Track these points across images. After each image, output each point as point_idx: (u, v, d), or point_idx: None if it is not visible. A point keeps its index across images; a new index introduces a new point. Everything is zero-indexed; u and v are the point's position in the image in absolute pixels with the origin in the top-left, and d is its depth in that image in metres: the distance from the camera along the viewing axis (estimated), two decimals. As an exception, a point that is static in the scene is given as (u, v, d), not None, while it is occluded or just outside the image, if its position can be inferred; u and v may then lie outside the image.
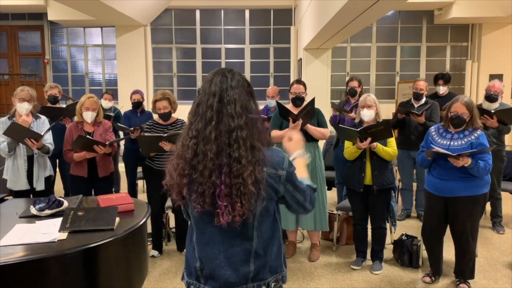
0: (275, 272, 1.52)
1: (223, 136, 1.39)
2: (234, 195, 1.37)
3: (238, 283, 1.46)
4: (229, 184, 1.37)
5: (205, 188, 1.38)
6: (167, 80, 9.82)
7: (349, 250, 4.10)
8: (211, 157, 1.38)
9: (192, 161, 1.40)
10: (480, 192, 3.19)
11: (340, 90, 9.28)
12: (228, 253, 1.45)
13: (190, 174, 1.40)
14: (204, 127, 1.40)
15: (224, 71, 1.48)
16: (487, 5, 8.13)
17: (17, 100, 3.74)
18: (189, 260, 1.54)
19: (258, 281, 1.48)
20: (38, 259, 1.96)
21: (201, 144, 1.39)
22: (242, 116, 1.41)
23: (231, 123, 1.39)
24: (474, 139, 3.15)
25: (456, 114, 3.16)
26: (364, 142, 3.43)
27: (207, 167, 1.38)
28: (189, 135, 1.43)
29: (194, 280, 1.52)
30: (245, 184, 1.36)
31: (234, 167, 1.37)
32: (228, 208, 1.38)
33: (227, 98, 1.41)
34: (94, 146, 3.64)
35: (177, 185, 1.42)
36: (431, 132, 3.38)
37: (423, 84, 4.73)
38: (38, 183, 3.80)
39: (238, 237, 1.45)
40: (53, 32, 9.95)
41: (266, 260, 1.49)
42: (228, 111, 1.40)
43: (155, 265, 3.81)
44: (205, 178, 1.38)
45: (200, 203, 1.39)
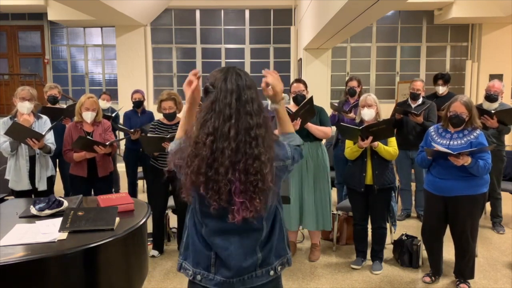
0: (280, 256, 1.56)
1: (242, 134, 1.40)
2: (251, 192, 1.39)
3: (248, 270, 1.49)
4: (244, 181, 1.39)
5: (221, 185, 1.39)
6: (167, 80, 9.82)
7: (349, 250, 4.10)
8: (229, 154, 1.38)
9: (208, 159, 1.39)
10: (479, 192, 3.20)
11: (340, 90, 9.27)
12: (239, 244, 1.48)
13: (206, 172, 1.39)
14: (223, 125, 1.39)
15: (236, 69, 1.50)
16: (487, 5, 8.13)
17: (18, 99, 3.74)
18: (199, 250, 1.52)
19: (266, 266, 1.52)
20: (38, 259, 1.96)
21: (218, 141, 1.39)
22: (260, 114, 1.44)
23: (249, 120, 1.41)
24: (474, 138, 3.15)
25: (455, 113, 3.17)
26: (366, 141, 3.43)
27: (224, 165, 1.38)
28: (204, 131, 1.41)
29: (202, 269, 1.52)
30: (264, 181, 1.39)
31: (254, 164, 1.38)
32: (245, 204, 1.39)
33: (245, 97, 1.43)
34: (95, 146, 3.64)
35: (192, 182, 1.41)
36: (430, 132, 3.38)
37: (420, 84, 4.73)
38: (40, 183, 3.80)
39: (249, 229, 1.48)
40: (53, 32, 9.95)
41: (271, 245, 1.53)
42: (247, 109, 1.42)
43: (155, 265, 3.81)
44: (221, 175, 1.38)
45: (216, 200, 1.40)
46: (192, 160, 1.40)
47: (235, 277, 1.48)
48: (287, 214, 3.86)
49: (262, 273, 1.51)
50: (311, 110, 3.63)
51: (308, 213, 3.78)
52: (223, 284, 1.49)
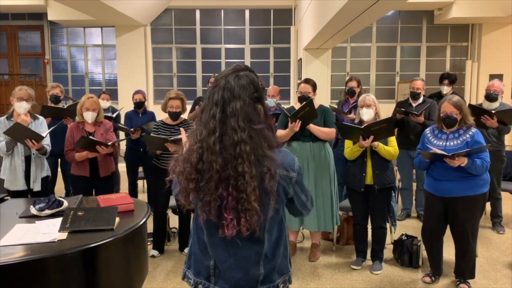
0: (282, 273, 1.53)
1: (228, 148, 1.36)
2: (239, 210, 1.35)
3: (248, 285, 1.45)
4: (235, 197, 1.35)
5: (211, 199, 1.36)
6: (167, 80, 9.82)
7: (349, 250, 4.10)
8: (217, 169, 1.35)
9: (197, 165, 1.37)
10: (479, 192, 3.19)
11: (340, 90, 9.27)
12: (239, 256, 1.44)
13: (197, 179, 1.37)
14: (208, 136, 1.37)
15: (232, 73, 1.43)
16: (487, 5, 8.13)
17: (15, 99, 3.74)
18: (199, 259, 1.50)
19: (268, 283, 1.48)
20: (38, 259, 1.96)
21: (206, 152, 1.37)
22: (245, 129, 1.36)
23: (234, 136, 1.36)
24: (469, 137, 3.16)
25: (446, 114, 3.19)
26: (367, 140, 3.42)
27: (213, 179, 1.35)
28: (194, 139, 1.41)
29: (203, 279, 1.49)
30: (248, 200, 1.34)
31: (239, 181, 1.34)
32: (233, 222, 1.36)
33: (229, 110, 1.37)
34: (97, 146, 3.65)
35: (184, 189, 1.39)
36: (426, 133, 3.39)
37: (420, 83, 4.73)
38: (35, 184, 3.79)
39: (249, 241, 1.44)
40: (53, 32, 9.95)
41: (275, 262, 1.49)
42: (231, 124, 1.36)
43: (155, 265, 3.81)
44: (211, 189, 1.36)
45: (206, 211, 1.38)
46: (185, 166, 1.39)
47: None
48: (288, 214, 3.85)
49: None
50: (311, 112, 3.61)
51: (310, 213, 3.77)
52: None
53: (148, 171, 5.08)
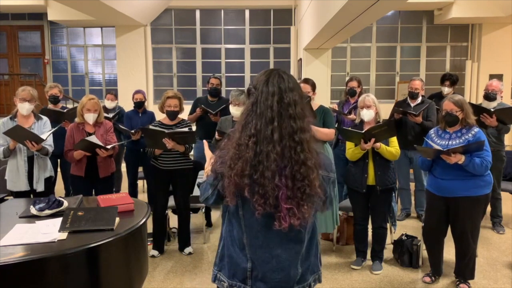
0: (314, 272, 1.55)
1: (286, 138, 1.36)
2: (298, 198, 1.35)
3: (286, 285, 1.46)
4: (291, 187, 1.35)
5: (268, 189, 1.35)
6: (167, 80, 9.82)
7: (349, 250, 4.10)
8: (275, 158, 1.34)
9: (252, 161, 1.36)
10: (481, 193, 3.19)
11: (340, 90, 9.28)
12: (282, 258, 1.45)
13: (251, 174, 1.36)
14: (265, 127, 1.36)
15: (279, 72, 1.45)
16: (487, 5, 8.13)
17: (18, 100, 3.74)
18: (235, 261, 1.49)
19: (302, 282, 1.50)
20: (38, 259, 1.97)
21: (262, 144, 1.36)
22: (303, 118, 1.40)
23: (293, 124, 1.37)
24: (471, 136, 3.16)
25: (446, 111, 3.21)
26: (369, 143, 3.43)
27: (270, 169, 1.34)
28: (246, 133, 1.38)
29: (238, 281, 1.48)
30: (311, 186, 1.36)
31: (300, 169, 1.35)
32: (292, 211, 1.36)
33: (287, 100, 1.39)
34: (97, 149, 3.65)
35: (236, 185, 1.37)
36: (430, 134, 3.41)
37: (418, 84, 4.73)
38: (38, 184, 3.79)
39: (291, 241, 1.45)
40: (53, 32, 9.94)
41: (309, 261, 1.52)
42: (289, 112, 1.38)
43: (155, 265, 3.81)
44: (267, 179, 1.35)
45: (262, 204, 1.36)
46: (235, 162, 1.37)
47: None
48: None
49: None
50: None
51: None
52: None
53: (147, 171, 5.09)
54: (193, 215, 4.94)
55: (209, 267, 3.80)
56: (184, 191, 4.01)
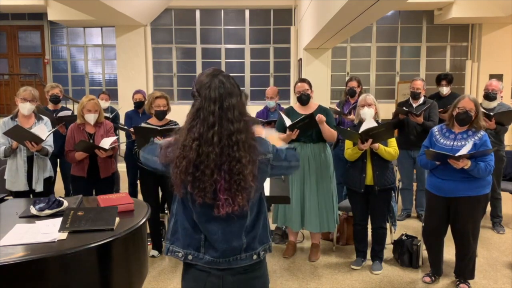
0: (263, 243, 1.74)
1: (224, 139, 1.55)
2: (234, 190, 1.55)
3: (233, 253, 1.67)
4: (228, 180, 1.55)
5: (207, 185, 1.55)
6: (167, 80, 9.82)
7: (349, 250, 4.11)
8: (213, 158, 1.54)
9: (195, 161, 1.54)
10: (481, 193, 3.19)
11: (340, 90, 9.27)
12: (226, 230, 1.65)
13: (194, 172, 1.55)
14: (207, 131, 1.54)
15: (220, 76, 1.60)
16: (487, 5, 8.13)
17: (19, 100, 3.74)
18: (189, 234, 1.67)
19: (250, 250, 1.70)
20: (38, 259, 1.97)
21: (204, 146, 1.54)
22: (240, 120, 1.58)
23: (231, 127, 1.56)
24: (478, 139, 3.14)
25: (464, 109, 3.15)
26: (366, 144, 3.43)
27: (209, 167, 1.54)
28: (190, 136, 1.56)
29: (192, 250, 1.67)
30: (245, 180, 1.55)
31: (235, 166, 1.54)
32: (228, 201, 1.56)
33: (226, 105, 1.56)
34: (96, 150, 3.65)
35: (181, 181, 1.56)
36: (434, 132, 3.37)
37: (420, 83, 4.73)
38: (37, 185, 3.79)
39: (235, 216, 1.63)
40: (53, 32, 9.94)
41: (255, 233, 1.70)
42: (228, 116, 1.56)
43: (155, 265, 3.81)
44: (207, 176, 1.54)
45: (202, 196, 1.56)
46: (181, 161, 1.55)
47: (221, 257, 1.66)
48: (289, 215, 3.86)
49: (246, 257, 1.69)
50: (311, 124, 3.62)
51: (311, 214, 3.78)
52: (211, 263, 1.66)
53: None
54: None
55: (209, 267, 3.80)
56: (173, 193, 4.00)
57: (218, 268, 1.66)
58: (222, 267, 1.66)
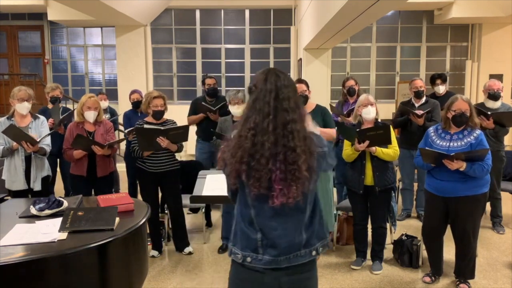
0: (321, 238, 1.74)
1: (279, 128, 1.58)
2: (289, 180, 1.57)
3: (293, 249, 1.66)
4: (283, 170, 1.57)
5: (262, 174, 1.56)
6: (167, 80, 9.81)
7: (349, 250, 4.10)
8: (268, 146, 1.56)
9: (250, 150, 1.57)
10: (480, 192, 3.19)
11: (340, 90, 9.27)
12: (286, 225, 1.65)
13: (249, 161, 1.57)
14: (262, 121, 1.58)
15: (275, 71, 1.67)
16: (487, 5, 8.13)
17: (16, 101, 3.74)
18: (246, 235, 1.67)
19: (309, 246, 1.69)
20: (38, 259, 1.97)
21: (259, 135, 1.57)
22: (295, 111, 1.62)
23: (286, 116, 1.59)
24: (473, 139, 3.14)
25: (460, 111, 3.15)
26: (362, 144, 3.42)
27: (264, 156, 1.56)
28: (246, 126, 1.60)
29: (250, 251, 1.66)
30: (299, 170, 1.56)
31: (290, 155, 1.56)
32: (283, 191, 1.57)
33: (281, 95, 1.61)
34: (92, 146, 3.64)
35: (236, 171, 1.59)
36: (430, 133, 3.37)
37: (421, 82, 4.73)
38: (35, 184, 3.80)
39: (293, 210, 1.64)
40: (53, 32, 9.94)
41: (313, 228, 1.71)
42: (284, 106, 1.60)
43: (155, 265, 3.81)
44: (262, 165, 1.56)
45: (257, 186, 1.57)
46: (236, 151, 1.59)
47: (282, 255, 1.64)
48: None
49: (306, 253, 1.68)
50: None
51: None
52: (271, 263, 1.64)
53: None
54: (193, 215, 4.94)
55: (209, 267, 3.80)
56: (174, 193, 4.01)
57: (277, 267, 1.64)
58: (281, 265, 1.64)
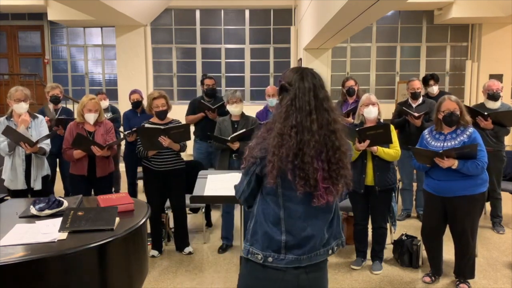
0: (336, 238, 1.76)
1: (323, 126, 1.58)
2: (334, 177, 1.59)
3: (315, 249, 1.68)
4: (327, 169, 1.58)
5: (309, 172, 1.56)
6: (167, 80, 9.81)
7: (349, 250, 4.11)
8: (314, 145, 1.56)
9: (294, 148, 1.55)
10: (478, 191, 3.20)
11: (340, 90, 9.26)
12: (317, 225, 1.66)
13: (293, 160, 1.55)
14: (305, 119, 1.57)
15: (310, 70, 1.66)
16: (487, 5, 8.13)
17: (13, 101, 3.74)
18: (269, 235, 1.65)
19: (327, 245, 1.72)
20: (38, 259, 1.97)
21: (302, 133, 1.56)
22: (335, 111, 1.64)
23: (328, 116, 1.60)
24: (466, 137, 3.16)
25: (449, 111, 3.18)
26: (362, 144, 3.42)
27: (310, 155, 1.55)
28: (288, 124, 1.57)
29: (272, 252, 1.64)
30: (345, 168, 1.62)
31: (335, 154, 1.59)
32: (329, 189, 1.59)
33: (321, 95, 1.61)
34: (92, 147, 3.65)
35: (278, 169, 1.56)
36: (425, 135, 3.41)
37: (418, 83, 4.74)
38: (35, 183, 3.81)
39: (324, 211, 1.67)
40: (53, 32, 9.94)
41: (333, 228, 1.74)
42: (324, 106, 1.60)
43: (155, 265, 3.81)
44: (307, 164, 1.55)
45: (303, 185, 1.56)
46: (279, 149, 1.56)
47: (306, 254, 1.65)
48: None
49: (324, 252, 1.71)
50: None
51: None
52: (293, 262, 1.64)
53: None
54: (193, 215, 4.94)
55: (209, 267, 3.80)
56: (178, 192, 4.01)
57: (299, 266, 1.64)
58: (303, 264, 1.65)
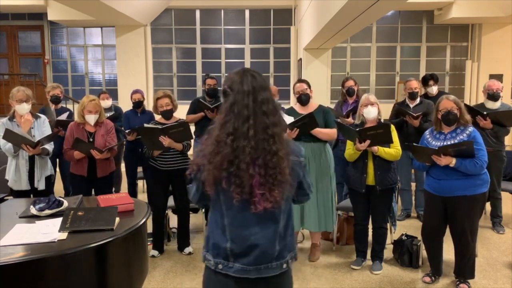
0: (290, 251, 1.69)
1: (260, 132, 1.53)
2: (270, 184, 1.53)
3: (266, 260, 1.61)
4: (263, 174, 1.53)
5: (244, 179, 1.52)
6: (167, 80, 9.81)
7: (349, 250, 4.10)
8: (249, 151, 1.51)
9: (230, 156, 1.51)
10: (478, 192, 3.20)
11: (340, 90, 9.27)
12: (259, 235, 1.60)
13: (228, 168, 1.52)
14: (242, 125, 1.52)
15: (250, 71, 1.61)
16: (487, 5, 8.13)
17: (15, 102, 3.74)
18: (217, 243, 1.63)
19: (280, 259, 1.64)
20: (38, 259, 1.97)
21: (238, 140, 1.52)
22: (274, 114, 1.57)
23: (266, 120, 1.54)
24: (466, 136, 3.17)
25: (447, 110, 3.19)
26: (363, 144, 3.42)
27: (245, 161, 1.51)
28: (224, 132, 1.53)
29: (221, 259, 1.62)
30: (283, 174, 1.53)
31: (272, 159, 1.52)
32: (265, 196, 1.53)
33: (260, 98, 1.55)
34: (91, 150, 3.65)
35: (214, 178, 1.53)
36: (425, 135, 3.42)
37: (416, 83, 4.74)
38: (39, 183, 3.81)
39: (268, 220, 1.60)
40: (53, 32, 9.94)
41: (286, 240, 1.66)
42: (263, 109, 1.55)
43: (155, 265, 3.81)
44: (242, 171, 1.51)
45: (239, 193, 1.53)
46: (214, 157, 1.52)
47: (252, 265, 1.60)
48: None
49: (277, 265, 1.63)
50: (311, 123, 3.62)
51: (310, 214, 3.77)
52: (241, 271, 1.60)
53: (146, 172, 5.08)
54: (193, 215, 4.94)
55: (209, 267, 3.80)
56: (183, 192, 4.01)
57: (248, 277, 1.60)
58: (252, 276, 1.60)
